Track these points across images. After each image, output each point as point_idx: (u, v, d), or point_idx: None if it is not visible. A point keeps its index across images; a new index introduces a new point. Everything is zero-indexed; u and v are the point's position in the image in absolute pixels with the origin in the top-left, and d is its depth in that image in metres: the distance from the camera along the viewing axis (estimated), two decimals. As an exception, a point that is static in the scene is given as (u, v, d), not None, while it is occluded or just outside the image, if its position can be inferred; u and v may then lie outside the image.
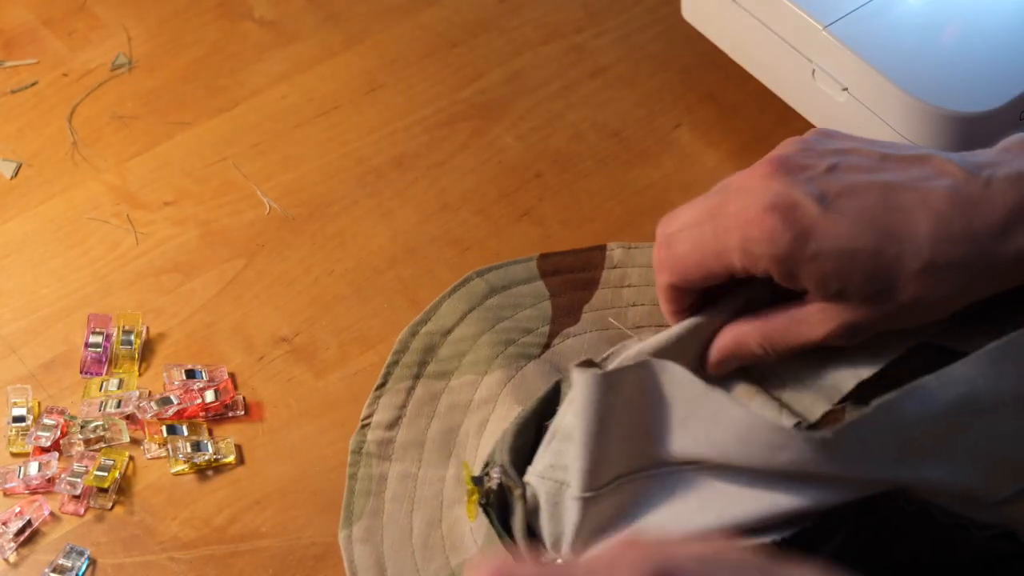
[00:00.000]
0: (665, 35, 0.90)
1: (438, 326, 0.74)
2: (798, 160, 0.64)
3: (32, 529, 0.69)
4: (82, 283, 0.78)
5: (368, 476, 0.69)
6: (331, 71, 0.89)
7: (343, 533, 0.67)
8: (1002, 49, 0.76)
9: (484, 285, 0.75)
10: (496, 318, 0.74)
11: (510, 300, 0.75)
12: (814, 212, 0.62)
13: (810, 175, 0.63)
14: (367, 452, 0.70)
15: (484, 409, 0.71)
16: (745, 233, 0.62)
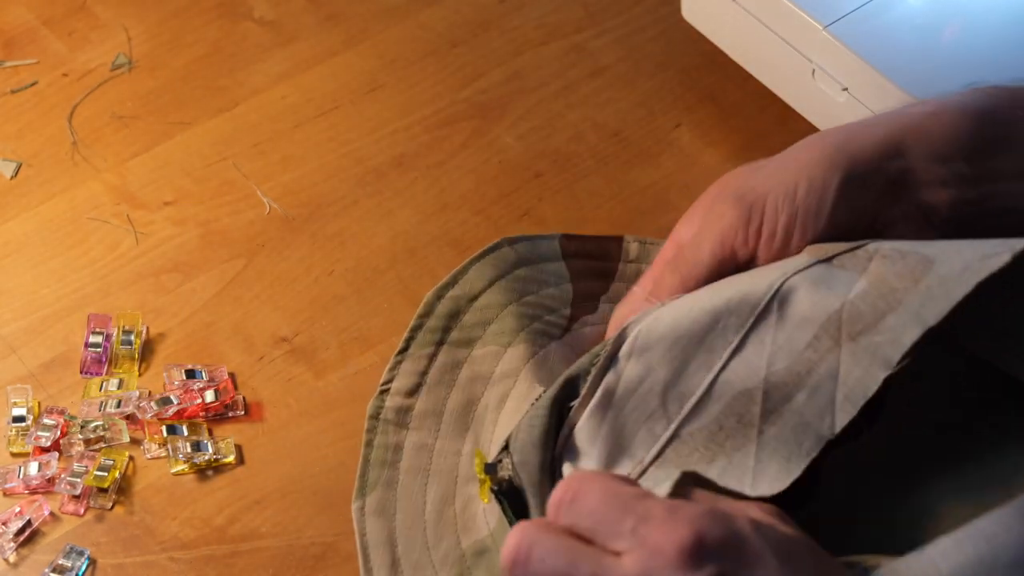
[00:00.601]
0: (665, 35, 0.90)
1: (464, 291, 0.74)
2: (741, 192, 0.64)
3: (32, 529, 0.69)
4: (82, 283, 0.78)
5: (384, 444, 0.69)
6: (331, 71, 0.89)
7: (356, 504, 0.67)
8: (1002, 49, 0.76)
9: (513, 254, 0.75)
10: (523, 290, 0.74)
11: (536, 274, 0.75)
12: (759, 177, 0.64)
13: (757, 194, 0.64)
14: (384, 419, 0.70)
15: (504, 383, 0.70)
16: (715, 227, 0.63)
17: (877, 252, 0.57)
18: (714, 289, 0.61)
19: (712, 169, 0.83)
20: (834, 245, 0.60)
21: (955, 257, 0.54)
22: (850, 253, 0.58)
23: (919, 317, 0.54)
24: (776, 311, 0.58)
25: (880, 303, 0.55)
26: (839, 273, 0.58)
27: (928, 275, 0.54)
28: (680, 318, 0.61)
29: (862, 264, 0.57)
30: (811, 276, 0.58)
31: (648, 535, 0.49)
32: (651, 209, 0.81)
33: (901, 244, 0.58)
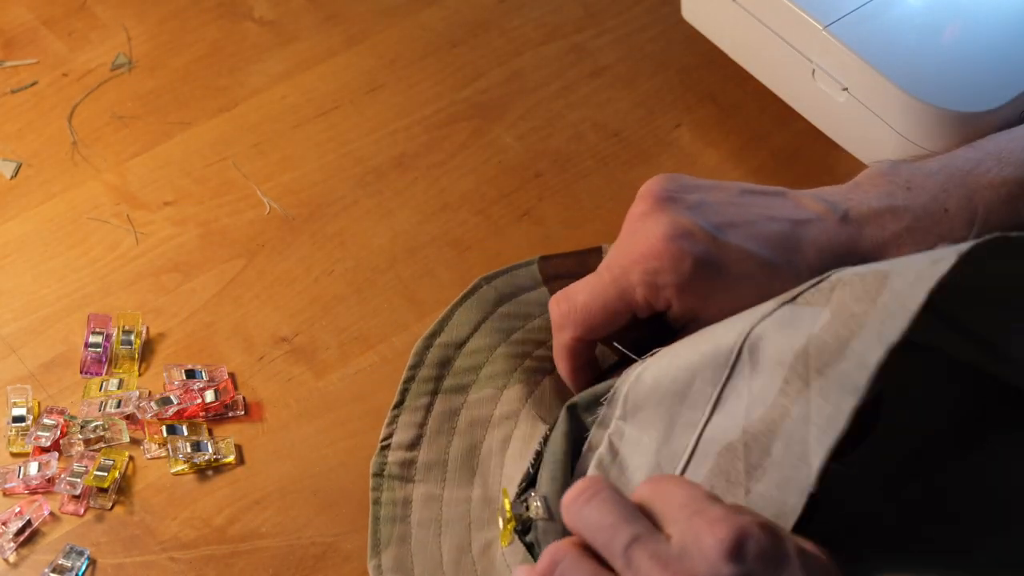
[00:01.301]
0: (665, 35, 0.90)
1: (452, 337, 0.74)
2: (669, 194, 0.66)
3: (32, 529, 0.69)
4: (82, 283, 0.78)
5: (392, 500, 0.69)
6: (331, 71, 0.89)
7: (372, 563, 0.67)
8: (1002, 49, 0.76)
9: (493, 292, 0.75)
10: (509, 328, 0.74)
11: (520, 309, 0.75)
12: (708, 238, 0.64)
13: (688, 205, 0.65)
14: (389, 475, 0.70)
15: (506, 425, 0.70)
16: (646, 265, 0.64)
17: (839, 281, 0.57)
18: (690, 342, 0.61)
19: (712, 169, 0.83)
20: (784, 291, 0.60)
21: (908, 268, 0.54)
22: (814, 288, 0.58)
23: (881, 336, 0.53)
24: (748, 360, 0.58)
25: (843, 331, 0.54)
26: (804, 311, 0.57)
27: (884, 291, 0.54)
28: (660, 377, 0.61)
29: (825, 296, 0.57)
30: (778, 319, 0.58)
31: (698, 524, 0.51)
32: (651, 209, 0.81)
33: (863, 267, 0.57)
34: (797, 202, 0.67)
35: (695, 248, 0.64)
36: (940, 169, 0.69)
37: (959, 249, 0.53)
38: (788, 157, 0.84)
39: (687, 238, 0.64)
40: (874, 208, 0.67)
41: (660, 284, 0.64)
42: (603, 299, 0.65)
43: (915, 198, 0.68)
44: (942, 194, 0.68)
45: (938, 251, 0.55)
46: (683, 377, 0.60)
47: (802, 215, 0.67)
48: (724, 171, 0.83)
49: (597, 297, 0.65)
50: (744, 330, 0.58)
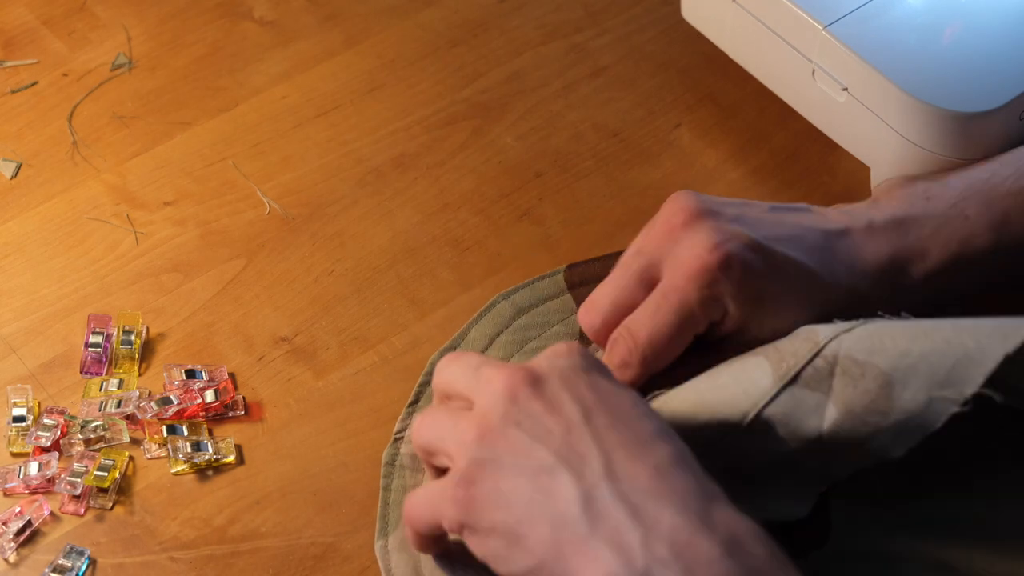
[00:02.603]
0: (665, 35, 0.90)
1: (468, 349, 0.74)
2: (707, 206, 0.66)
3: (32, 529, 0.69)
4: (82, 283, 0.78)
5: (402, 487, 0.69)
6: (331, 71, 0.89)
7: (379, 543, 0.67)
8: (1002, 49, 0.76)
9: (510, 307, 0.76)
10: (524, 340, 0.74)
11: (538, 319, 0.75)
12: (756, 244, 0.64)
13: (727, 218, 0.66)
14: (400, 464, 0.70)
15: None
16: (702, 279, 0.64)
17: (837, 364, 0.59)
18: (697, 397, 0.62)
19: (712, 169, 0.83)
20: (788, 350, 0.61)
21: (914, 381, 0.57)
22: (810, 366, 0.59)
23: (900, 441, 0.57)
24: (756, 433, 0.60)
25: (856, 435, 0.58)
26: (807, 398, 0.59)
27: (894, 410, 0.57)
28: (675, 422, 0.62)
29: (825, 382, 0.59)
30: (782, 406, 0.59)
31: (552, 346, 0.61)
32: (651, 209, 0.81)
33: (855, 343, 0.59)
34: (823, 215, 0.68)
35: (746, 254, 0.64)
36: (957, 181, 0.70)
37: (963, 392, 0.55)
38: (788, 157, 0.84)
39: (736, 245, 0.64)
40: (896, 217, 0.68)
41: (718, 295, 0.64)
42: (668, 331, 0.65)
43: (934, 207, 0.69)
44: (961, 202, 0.69)
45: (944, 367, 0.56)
46: (690, 425, 0.62)
47: (831, 226, 0.67)
48: (724, 171, 0.83)
49: (662, 329, 0.65)
50: (749, 413, 0.60)
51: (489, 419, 0.58)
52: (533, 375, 0.58)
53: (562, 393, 0.58)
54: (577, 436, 0.56)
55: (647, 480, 0.55)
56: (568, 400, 0.57)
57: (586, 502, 0.54)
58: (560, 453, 0.56)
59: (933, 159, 0.75)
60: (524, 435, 0.57)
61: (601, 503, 0.54)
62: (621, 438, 0.56)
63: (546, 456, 0.56)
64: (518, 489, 0.56)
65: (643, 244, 0.67)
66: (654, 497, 0.54)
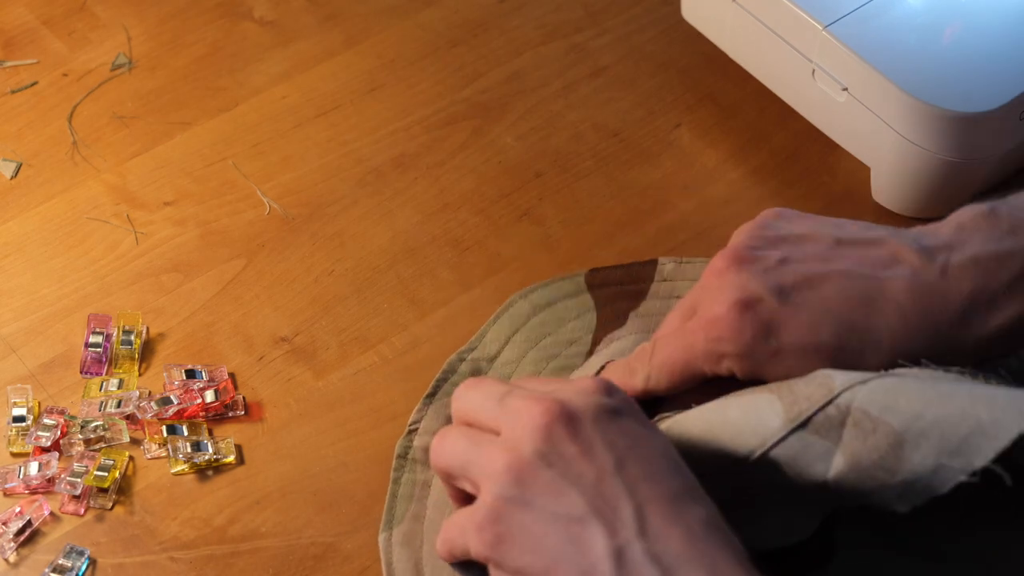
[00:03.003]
0: (665, 35, 0.90)
1: (484, 353, 0.74)
2: (752, 252, 0.65)
3: (32, 529, 0.69)
4: (82, 283, 0.78)
5: (412, 481, 0.69)
6: (331, 71, 0.89)
7: (383, 535, 0.67)
8: (1002, 49, 0.76)
9: (527, 306, 0.76)
10: (539, 336, 0.74)
11: (554, 315, 0.75)
12: (774, 306, 0.62)
13: (765, 266, 0.64)
14: (412, 458, 0.70)
15: None
16: (707, 334, 0.63)
17: (849, 415, 0.58)
18: (706, 426, 0.62)
19: (712, 169, 0.83)
20: (803, 393, 0.60)
21: (925, 445, 0.56)
22: (822, 413, 0.59)
23: (905, 499, 0.57)
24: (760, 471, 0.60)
25: (861, 487, 0.58)
26: (815, 444, 0.59)
27: (902, 470, 0.57)
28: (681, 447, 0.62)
29: (835, 431, 0.59)
30: (790, 449, 0.59)
31: (577, 380, 0.61)
32: (651, 209, 0.81)
33: (869, 396, 0.58)
34: (894, 253, 0.64)
35: (757, 317, 0.63)
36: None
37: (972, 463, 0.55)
38: (788, 157, 0.84)
39: (752, 307, 0.63)
40: (978, 256, 0.63)
41: (721, 352, 0.63)
42: (671, 363, 0.65)
43: (1020, 241, 0.63)
44: None
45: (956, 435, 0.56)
46: (695, 455, 0.61)
47: (893, 272, 0.63)
48: (724, 171, 0.83)
49: (668, 360, 0.65)
50: (755, 451, 0.60)
51: (520, 453, 0.57)
52: (568, 413, 0.58)
53: (596, 436, 0.57)
54: (609, 485, 0.56)
55: (680, 543, 0.54)
56: (601, 444, 0.57)
57: (618, 558, 0.54)
58: (593, 503, 0.56)
59: (933, 159, 0.75)
60: (556, 477, 0.57)
61: (633, 561, 0.54)
62: (653, 493, 0.56)
63: (579, 504, 0.56)
64: (549, 535, 0.56)
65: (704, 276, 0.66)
66: (687, 561, 0.54)
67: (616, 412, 0.58)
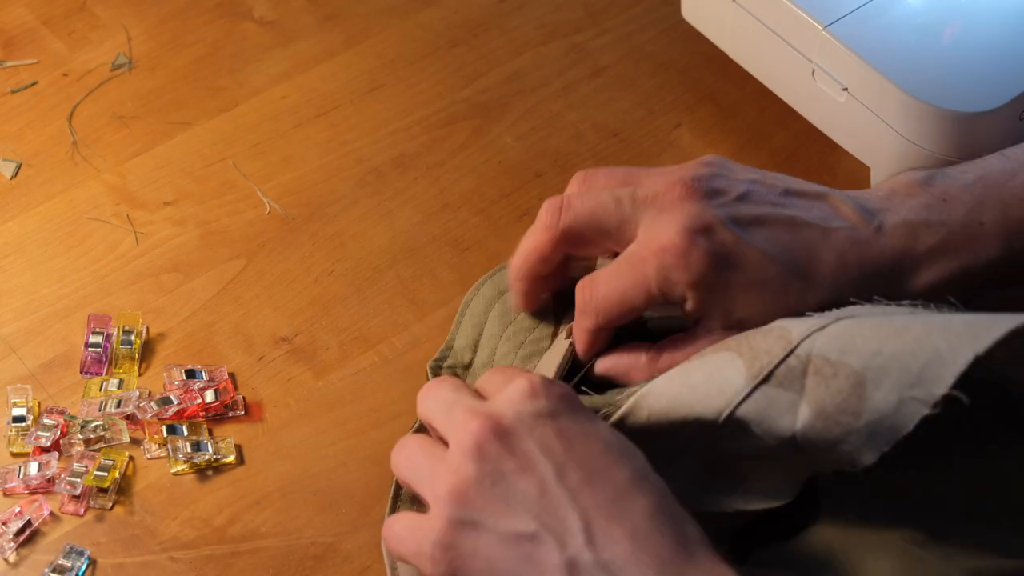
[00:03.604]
0: (665, 35, 0.90)
1: (457, 360, 0.74)
2: (712, 184, 0.66)
3: (32, 529, 0.69)
4: (82, 283, 0.78)
5: None
6: (331, 71, 0.89)
7: (388, 519, 0.67)
8: (1002, 49, 0.76)
9: (482, 302, 0.76)
10: (504, 325, 0.74)
11: (507, 305, 0.75)
12: (728, 238, 0.64)
13: (723, 201, 0.66)
14: None
15: None
16: (662, 260, 0.64)
17: (809, 363, 0.59)
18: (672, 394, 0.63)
19: (712, 169, 0.83)
20: (762, 348, 0.61)
21: (886, 381, 0.57)
22: (783, 365, 0.60)
23: (872, 444, 0.57)
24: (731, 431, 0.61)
25: (828, 435, 0.58)
26: (780, 397, 0.59)
27: (866, 410, 0.57)
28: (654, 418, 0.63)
29: (798, 381, 0.59)
30: (755, 405, 0.60)
31: (511, 374, 0.63)
32: (651, 209, 0.81)
33: (827, 342, 0.59)
34: (835, 209, 0.67)
35: (712, 245, 0.64)
36: (976, 180, 0.69)
37: (933, 393, 0.55)
38: (788, 157, 0.84)
39: (706, 234, 0.64)
40: (909, 220, 0.67)
41: (673, 279, 0.65)
42: (620, 289, 0.66)
43: (952, 211, 0.68)
44: (978, 207, 0.68)
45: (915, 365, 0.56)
46: (668, 426, 0.62)
47: (836, 224, 0.67)
48: (724, 171, 0.83)
49: (615, 288, 0.66)
50: (724, 411, 0.61)
51: (461, 476, 0.59)
52: (499, 427, 0.59)
53: (531, 446, 0.59)
54: (553, 498, 0.57)
55: (626, 544, 0.56)
56: (539, 455, 0.58)
57: (571, 570, 0.56)
58: (540, 518, 0.57)
59: (933, 159, 0.75)
60: (500, 496, 0.58)
61: (585, 572, 0.56)
62: (597, 497, 0.57)
63: (527, 522, 0.57)
64: (502, 557, 0.57)
65: (640, 193, 0.67)
66: (634, 563, 0.55)
67: (550, 415, 0.59)
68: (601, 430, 0.60)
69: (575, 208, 0.68)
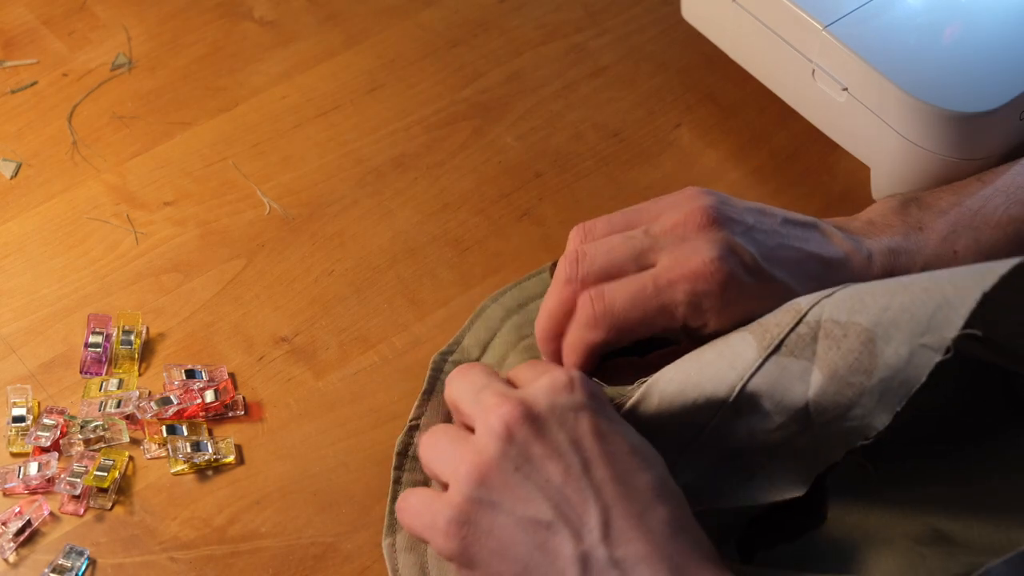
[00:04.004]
0: (665, 35, 0.90)
1: (464, 356, 0.74)
2: (725, 212, 0.66)
3: (32, 529, 0.69)
4: (82, 283, 0.78)
5: (413, 482, 0.69)
6: (331, 71, 0.89)
7: (386, 541, 0.67)
8: (1002, 49, 0.76)
9: (500, 310, 0.76)
10: (516, 339, 0.74)
11: (527, 318, 0.75)
12: (757, 266, 0.65)
13: (740, 229, 0.66)
14: (413, 455, 0.70)
15: None
16: (695, 286, 0.64)
17: (820, 329, 0.59)
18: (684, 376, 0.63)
19: (712, 169, 0.83)
20: (772, 322, 0.61)
21: (896, 335, 0.57)
22: (794, 333, 0.60)
23: (885, 403, 0.57)
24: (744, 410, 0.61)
25: (841, 399, 0.58)
26: (791, 365, 0.60)
27: (878, 367, 0.57)
28: (664, 404, 0.63)
29: (809, 347, 0.59)
30: (767, 376, 0.60)
31: (541, 368, 0.63)
32: (651, 209, 0.81)
33: (836, 305, 0.59)
34: (828, 238, 0.68)
35: (744, 275, 0.64)
36: (950, 208, 0.70)
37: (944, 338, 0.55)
38: (788, 157, 0.84)
39: (738, 263, 0.64)
40: (891, 248, 0.68)
41: (704, 306, 0.64)
42: (643, 310, 0.65)
43: (926, 240, 0.69)
44: (951, 235, 0.69)
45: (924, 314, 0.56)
46: (679, 411, 0.62)
47: (833, 253, 0.67)
48: (724, 171, 0.83)
49: (637, 307, 0.65)
50: (736, 385, 0.61)
51: (485, 456, 0.59)
52: (531, 413, 0.59)
53: (561, 436, 0.59)
54: (576, 488, 0.57)
55: (642, 546, 0.56)
56: (567, 445, 0.58)
57: (584, 563, 0.56)
58: (559, 508, 0.57)
59: (933, 159, 0.75)
60: (523, 480, 0.58)
61: (597, 567, 0.56)
62: (619, 495, 0.57)
63: (545, 509, 0.57)
64: (516, 541, 0.57)
65: (655, 228, 0.67)
66: (647, 564, 0.55)
67: (584, 409, 0.59)
68: (629, 434, 0.60)
69: (590, 255, 0.67)
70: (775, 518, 0.64)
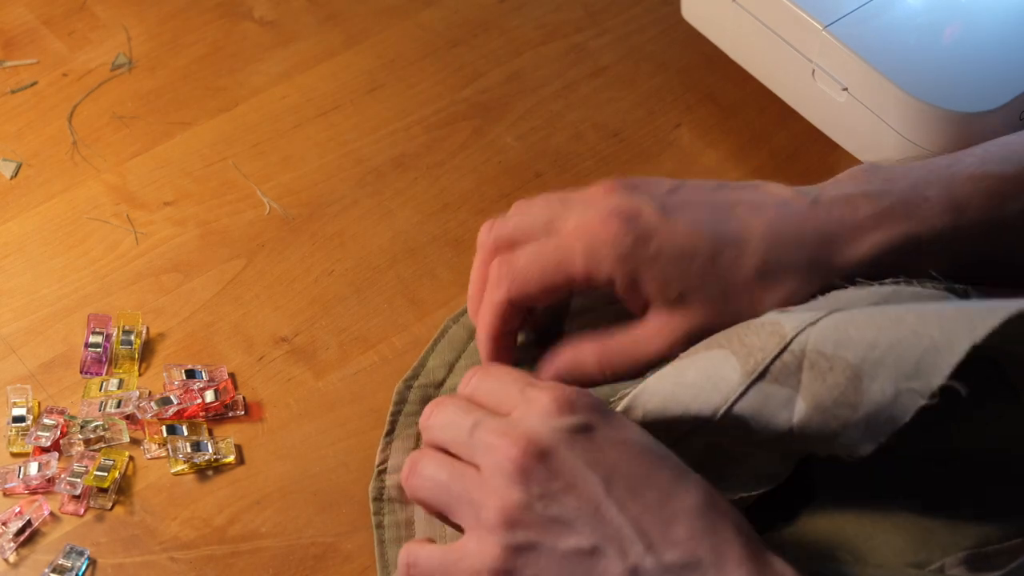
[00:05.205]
0: (665, 35, 0.90)
1: (429, 379, 0.73)
2: (641, 182, 0.67)
3: (32, 529, 0.69)
4: (82, 283, 0.78)
5: (395, 523, 0.69)
6: (331, 71, 0.89)
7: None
8: (1002, 49, 0.76)
9: (462, 331, 0.75)
10: (479, 361, 0.74)
11: None
12: (654, 218, 0.65)
13: (650, 192, 0.66)
14: (388, 498, 0.69)
15: None
16: (590, 239, 0.65)
17: (804, 358, 0.59)
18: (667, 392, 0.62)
19: (712, 169, 0.83)
20: (755, 345, 0.61)
21: (882, 373, 0.57)
22: (778, 361, 0.60)
23: (870, 436, 0.57)
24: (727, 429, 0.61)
25: (826, 429, 0.58)
26: (776, 393, 0.59)
27: (863, 403, 0.57)
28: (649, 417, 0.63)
29: (794, 376, 0.59)
30: (752, 402, 0.60)
31: (532, 392, 0.60)
32: (651, 209, 0.81)
33: (821, 335, 0.59)
34: (767, 191, 0.67)
35: (638, 225, 0.65)
36: (920, 165, 0.69)
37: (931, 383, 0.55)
38: (788, 157, 0.84)
39: (633, 216, 0.65)
40: (848, 193, 0.66)
41: (600, 255, 0.64)
42: (542, 264, 0.66)
43: (893, 187, 0.67)
44: (922, 183, 0.67)
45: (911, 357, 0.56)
46: (665, 422, 0.62)
47: (766, 200, 0.66)
48: (724, 171, 0.83)
49: (536, 262, 0.66)
50: (720, 408, 0.60)
51: (508, 501, 0.57)
52: (539, 449, 0.57)
53: (575, 463, 0.57)
54: (605, 507, 0.56)
55: (684, 545, 0.56)
56: (584, 469, 0.57)
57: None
58: (597, 531, 0.56)
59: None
60: (553, 517, 0.57)
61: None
62: (646, 502, 0.56)
63: (584, 537, 0.56)
64: (565, 575, 0.56)
65: (570, 199, 0.67)
66: (696, 562, 0.55)
67: (586, 428, 0.58)
68: (634, 434, 0.59)
69: (505, 222, 0.68)
70: (763, 500, 0.63)
